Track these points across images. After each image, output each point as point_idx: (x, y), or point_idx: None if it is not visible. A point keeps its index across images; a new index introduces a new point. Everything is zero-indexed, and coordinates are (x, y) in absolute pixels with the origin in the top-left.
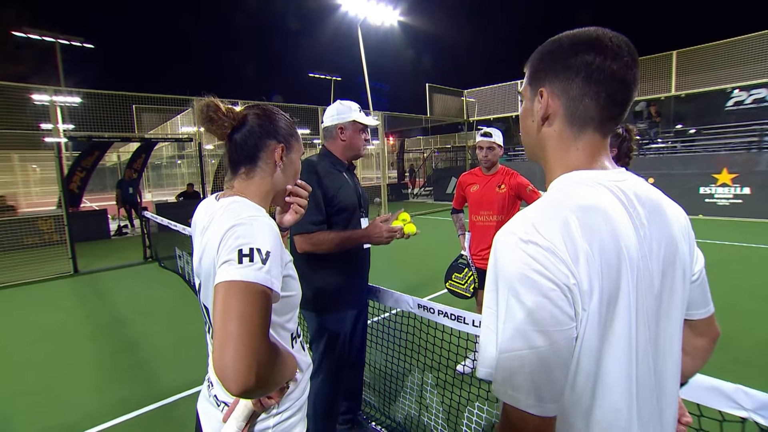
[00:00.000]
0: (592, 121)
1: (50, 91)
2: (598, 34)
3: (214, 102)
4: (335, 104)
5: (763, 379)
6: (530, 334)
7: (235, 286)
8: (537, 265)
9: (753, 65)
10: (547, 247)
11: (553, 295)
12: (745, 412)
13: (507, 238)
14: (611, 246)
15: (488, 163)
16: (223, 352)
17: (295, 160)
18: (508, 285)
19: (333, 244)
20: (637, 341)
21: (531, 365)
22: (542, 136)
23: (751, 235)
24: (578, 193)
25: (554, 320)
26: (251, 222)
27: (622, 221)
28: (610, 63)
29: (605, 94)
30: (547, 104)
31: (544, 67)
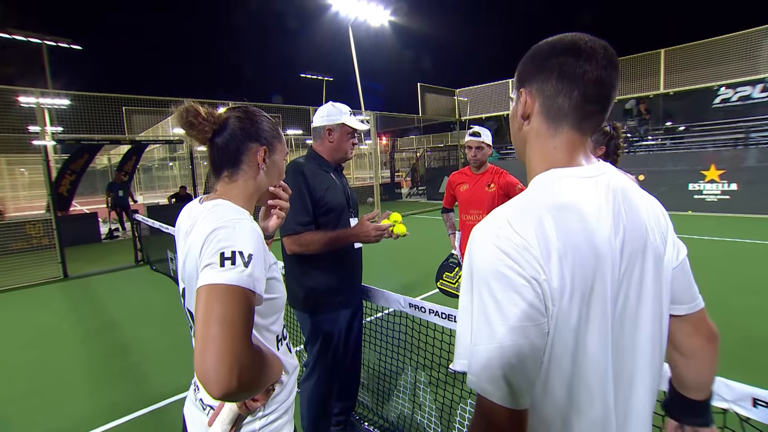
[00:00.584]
0: (566, 118)
1: (36, 93)
2: (574, 38)
3: (194, 106)
4: (326, 105)
5: (746, 371)
6: (502, 328)
7: (217, 290)
8: (509, 261)
9: (739, 63)
10: (520, 243)
11: (524, 291)
12: (726, 404)
13: (482, 234)
14: (585, 245)
15: (477, 163)
16: (204, 356)
17: (279, 161)
18: (483, 280)
19: (321, 244)
20: (613, 337)
21: (503, 359)
22: (523, 134)
23: (738, 230)
24: (554, 192)
25: (525, 315)
26: (233, 225)
27: (597, 218)
28: (584, 63)
29: (578, 92)
30: (526, 102)
31: (525, 70)
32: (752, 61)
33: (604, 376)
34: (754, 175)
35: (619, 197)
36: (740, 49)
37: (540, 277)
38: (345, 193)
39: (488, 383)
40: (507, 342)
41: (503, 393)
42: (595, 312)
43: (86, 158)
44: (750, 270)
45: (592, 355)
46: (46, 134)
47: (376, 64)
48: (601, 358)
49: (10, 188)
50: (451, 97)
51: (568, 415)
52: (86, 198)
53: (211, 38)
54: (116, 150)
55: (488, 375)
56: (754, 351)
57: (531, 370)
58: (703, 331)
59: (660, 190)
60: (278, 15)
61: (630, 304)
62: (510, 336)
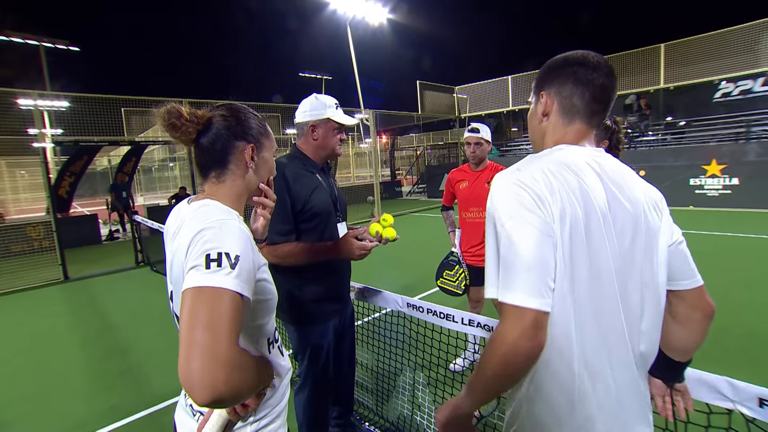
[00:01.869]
0: (578, 114)
1: (34, 95)
2: (584, 53)
3: (175, 107)
4: (309, 98)
5: (753, 368)
6: (526, 238)
7: (203, 293)
8: (524, 192)
9: (739, 57)
10: (530, 182)
11: (537, 212)
12: (731, 404)
13: (501, 182)
14: (578, 191)
15: (476, 159)
16: (189, 362)
17: (268, 158)
18: (505, 210)
19: (299, 258)
20: (602, 280)
21: (528, 263)
22: (543, 129)
23: (740, 225)
24: (558, 154)
25: (541, 229)
26: (220, 225)
27: (593, 180)
28: (592, 72)
29: (588, 94)
30: (546, 102)
31: (544, 77)
32: (753, 55)
33: (613, 296)
34: (755, 170)
35: (616, 175)
36: (741, 43)
37: (546, 204)
38: (332, 196)
39: (513, 289)
40: (531, 249)
41: (526, 296)
42: (595, 240)
43: (85, 160)
44: (753, 265)
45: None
46: (45, 136)
47: (375, 62)
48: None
49: (10, 191)
50: (451, 95)
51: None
52: (86, 200)
53: (210, 38)
54: (116, 151)
55: (512, 281)
56: (757, 346)
57: (546, 275)
58: (702, 306)
59: (661, 185)
60: (276, 14)
61: (630, 270)
62: (532, 244)
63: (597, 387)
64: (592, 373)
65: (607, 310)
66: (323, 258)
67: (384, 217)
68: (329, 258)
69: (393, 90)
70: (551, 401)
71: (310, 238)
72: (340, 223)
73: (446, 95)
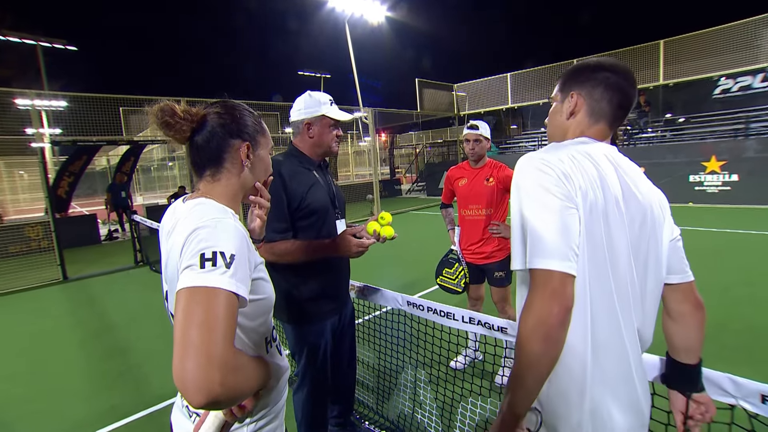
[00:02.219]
0: (604, 116)
1: (32, 95)
2: (614, 61)
3: (169, 105)
4: (303, 96)
5: (753, 364)
6: (553, 206)
7: (197, 293)
8: (549, 169)
9: (738, 53)
10: (554, 163)
11: (561, 185)
12: (733, 399)
13: (525, 161)
14: (597, 177)
15: (475, 156)
16: (184, 363)
17: (264, 156)
18: (531, 187)
19: (296, 256)
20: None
21: (556, 230)
22: (568, 125)
23: (740, 221)
24: (578, 144)
25: (565, 199)
26: (215, 224)
27: (610, 170)
28: (622, 81)
29: (617, 100)
30: (576, 103)
31: (575, 78)
32: (752, 51)
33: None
34: (755, 166)
35: (630, 171)
36: (740, 39)
37: (570, 181)
38: (330, 193)
39: (546, 252)
40: (556, 217)
41: (555, 261)
42: (613, 225)
43: (84, 160)
44: (752, 261)
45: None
46: (43, 136)
47: (374, 60)
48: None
49: (9, 191)
50: (450, 92)
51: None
52: (85, 200)
53: (209, 37)
54: (115, 151)
55: (540, 248)
56: (758, 342)
57: (571, 241)
58: (691, 299)
59: (660, 182)
60: (275, 12)
61: (641, 257)
62: (557, 212)
63: (607, 359)
64: (602, 346)
65: (622, 288)
66: (320, 255)
67: (382, 215)
68: (326, 255)
69: (392, 88)
70: (566, 374)
71: (308, 236)
72: (339, 221)
73: (445, 93)
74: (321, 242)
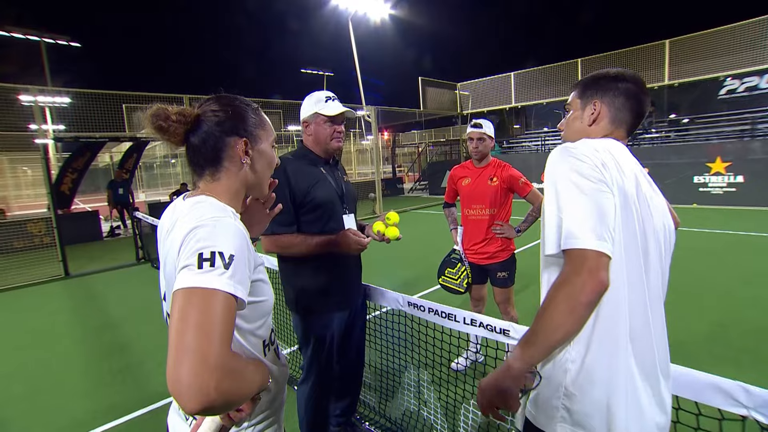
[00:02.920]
0: (624, 124)
1: (34, 91)
2: (632, 73)
3: (162, 109)
4: (306, 97)
5: (759, 366)
6: (589, 189)
7: (194, 294)
8: (584, 156)
9: (745, 53)
10: (589, 153)
11: (596, 172)
12: (745, 410)
13: (558, 152)
14: (629, 169)
15: (479, 155)
16: (178, 367)
17: (266, 149)
18: (567, 172)
19: (299, 249)
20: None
21: (593, 210)
22: (589, 132)
23: (744, 222)
24: (605, 142)
25: (598, 180)
26: (214, 223)
27: (634, 167)
28: (640, 92)
29: (636, 110)
30: (600, 111)
31: (596, 87)
32: (759, 51)
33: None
34: (761, 167)
35: (646, 175)
36: (747, 39)
37: (605, 169)
38: (339, 188)
39: (578, 234)
40: (592, 198)
41: (592, 239)
42: (644, 218)
43: (88, 156)
44: (757, 263)
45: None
46: (47, 133)
47: (377, 58)
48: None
49: (13, 187)
50: (453, 91)
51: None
52: (88, 196)
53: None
54: (118, 148)
55: (576, 227)
56: (763, 344)
57: (608, 221)
58: None
59: (665, 182)
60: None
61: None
62: (593, 194)
63: (639, 348)
64: (637, 336)
65: (652, 281)
66: (321, 250)
67: (388, 215)
68: (328, 250)
69: (395, 86)
70: (605, 355)
71: (314, 230)
72: (347, 216)
73: (448, 92)
74: (322, 237)
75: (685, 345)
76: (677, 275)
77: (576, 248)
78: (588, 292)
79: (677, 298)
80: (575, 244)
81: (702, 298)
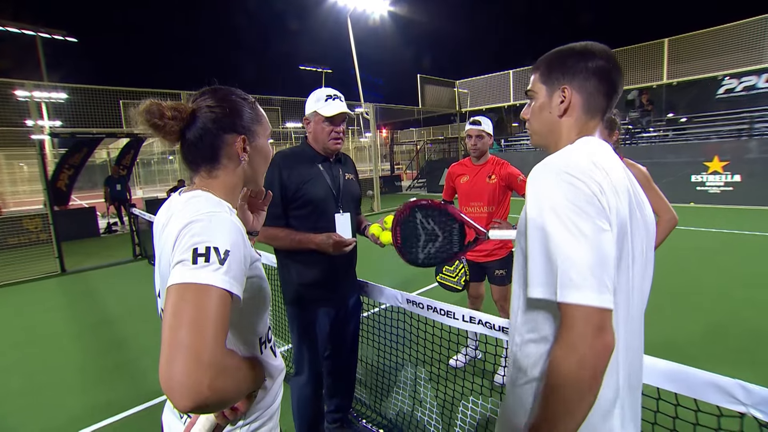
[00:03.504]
0: (600, 112)
1: (30, 86)
2: (602, 47)
3: (156, 106)
4: (310, 94)
5: (755, 367)
6: (583, 228)
7: (188, 290)
8: (580, 182)
9: (743, 53)
10: (584, 176)
11: (594, 201)
12: (744, 407)
13: (545, 172)
14: (619, 184)
15: (477, 152)
16: (171, 365)
17: (263, 145)
18: (562, 205)
19: (283, 242)
20: (634, 270)
21: (589, 256)
22: (560, 124)
23: (742, 222)
24: (590, 149)
25: (597, 217)
26: (209, 218)
27: (623, 176)
28: (613, 69)
29: (611, 92)
30: (570, 99)
31: (562, 69)
32: (757, 51)
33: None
34: (758, 167)
35: (630, 176)
36: (745, 38)
37: (602, 195)
38: (336, 186)
39: (583, 285)
40: (594, 244)
41: (598, 291)
42: (636, 240)
43: (85, 152)
44: (754, 262)
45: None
46: (42, 128)
47: (376, 55)
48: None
49: (9, 183)
50: (452, 89)
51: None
52: (85, 192)
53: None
54: (115, 144)
55: (583, 277)
56: (759, 345)
57: (610, 269)
58: None
59: (662, 181)
60: (277, 7)
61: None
62: (595, 237)
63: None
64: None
65: (637, 299)
66: (303, 246)
67: (386, 219)
68: (308, 247)
69: (393, 84)
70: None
71: (304, 226)
72: (341, 215)
73: (447, 89)
74: (304, 235)
75: (681, 345)
76: (674, 275)
77: (578, 304)
78: (602, 354)
79: (673, 298)
80: (577, 299)
81: (698, 298)
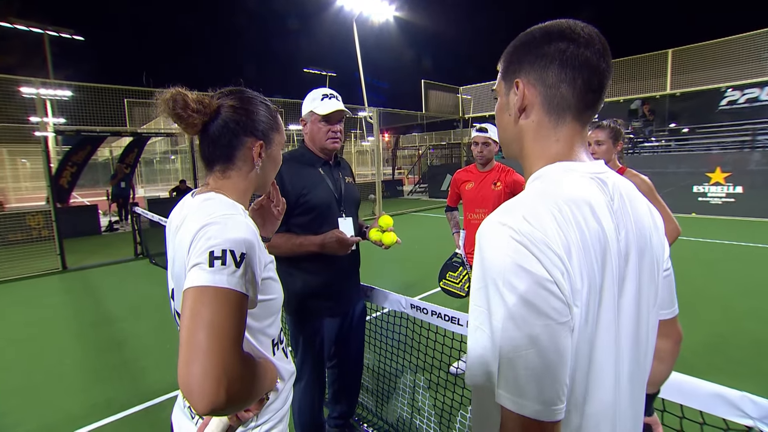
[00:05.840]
0: (569, 109)
1: (36, 84)
2: (569, 23)
3: (181, 95)
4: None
5: (758, 378)
6: (531, 329)
7: (205, 292)
8: (531, 256)
9: (747, 65)
10: (540, 239)
11: (548, 285)
12: (751, 421)
13: (496, 230)
14: (597, 240)
15: (483, 159)
16: (190, 367)
17: (276, 154)
18: (502, 277)
19: (283, 249)
20: (620, 333)
21: (534, 364)
22: (520, 129)
23: (743, 233)
24: (565, 185)
25: (551, 308)
26: (225, 221)
27: (606, 213)
28: (584, 50)
29: (581, 80)
30: (524, 94)
31: (519, 59)
32: (761, 63)
33: (615, 374)
34: (760, 179)
35: (624, 198)
36: (749, 51)
37: (563, 274)
38: (338, 191)
39: (520, 397)
40: (547, 339)
41: (539, 406)
42: (605, 308)
43: (88, 150)
44: (756, 273)
45: (604, 354)
46: (47, 125)
47: (380, 60)
48: (610, 358)
49: (11, 179)
50: (455, 95)
51: (583, 414)
52: (87, 190)
53: (214, 31)
54: (118, 142)
55: (518, 387)
56: (763, 355)
57: (562, 376)
58: (673, 335)
59: (664, 191)
60: (282, 10)
61: (626, 301)
62: (548, 335)
63: None
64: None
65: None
66: (306, 249)
67: (380, 221)
68: (312, 250)
69: (397, 88)
70: None
71: (306, 233)
72: (344, 219)
73: (450, 95)
74: (305, 237)
75: (683, 355)
76: (675, 285)
77: (519, 414)
78: None
79: None
80: (517, 408)
81: (700, 309)
